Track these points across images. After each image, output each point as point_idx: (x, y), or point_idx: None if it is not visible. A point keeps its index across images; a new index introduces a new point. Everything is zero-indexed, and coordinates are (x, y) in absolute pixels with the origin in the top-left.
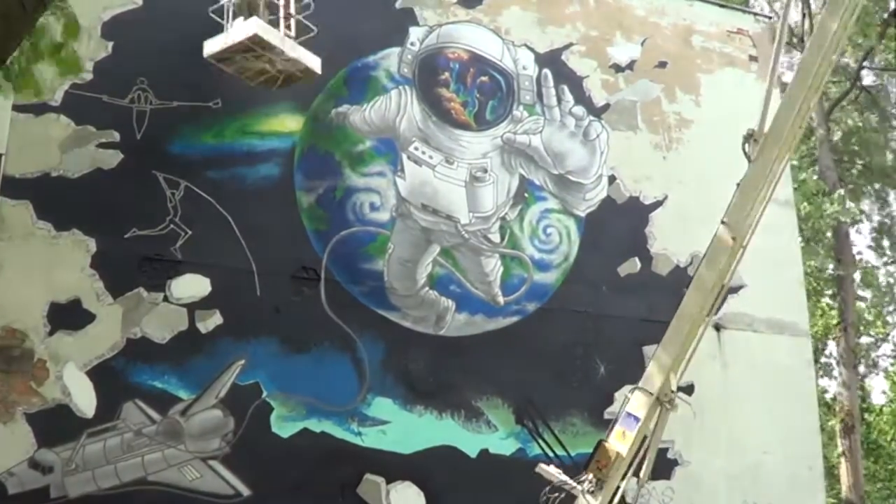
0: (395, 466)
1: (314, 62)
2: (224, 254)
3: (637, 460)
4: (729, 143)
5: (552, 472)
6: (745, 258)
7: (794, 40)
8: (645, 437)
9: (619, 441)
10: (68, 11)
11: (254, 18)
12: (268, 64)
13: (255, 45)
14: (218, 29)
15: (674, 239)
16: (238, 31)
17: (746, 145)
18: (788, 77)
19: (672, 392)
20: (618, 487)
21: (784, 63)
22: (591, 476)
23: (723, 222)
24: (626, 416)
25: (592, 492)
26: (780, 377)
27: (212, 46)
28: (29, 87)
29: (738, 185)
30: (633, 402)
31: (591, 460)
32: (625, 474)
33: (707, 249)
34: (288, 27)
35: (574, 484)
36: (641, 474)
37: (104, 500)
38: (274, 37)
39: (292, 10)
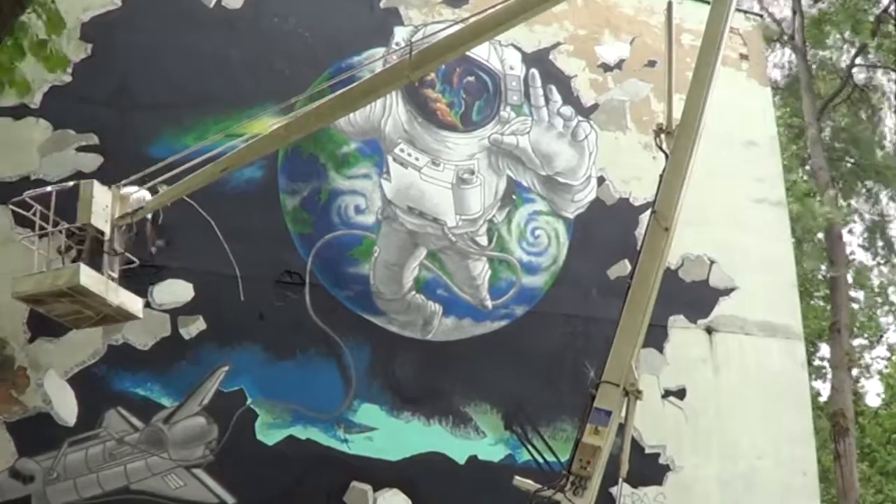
0: (382, 474)
1: (135, 306)
2: (207, 258)
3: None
4: (719, 142)
5: (528, 482)
6: (737, 260)
7: (785, 37)
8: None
9: (594, 437)
10: (50, 7)
11: (80, 266)
12: (84, 307)
13: (74, 293)
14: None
15: None
16: (58, 276)
17: (657, 139)
18: (776, 74)
19: (636, 379)
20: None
21: (771, 61)
22: (572, 477)
23: (653, 213)
24: (595, 411)
25: (577, 492)
26: (773, 380)
27: (23, 286)
28: (14, 86)
29: (660, 176)
30: (599, 397)
31: (573, 460)
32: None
33: (643, 240)
34: (112, 269)
35: (555, 489)
36: (621, 468)
37: None
38: (98, 284)
39: (118, 245)
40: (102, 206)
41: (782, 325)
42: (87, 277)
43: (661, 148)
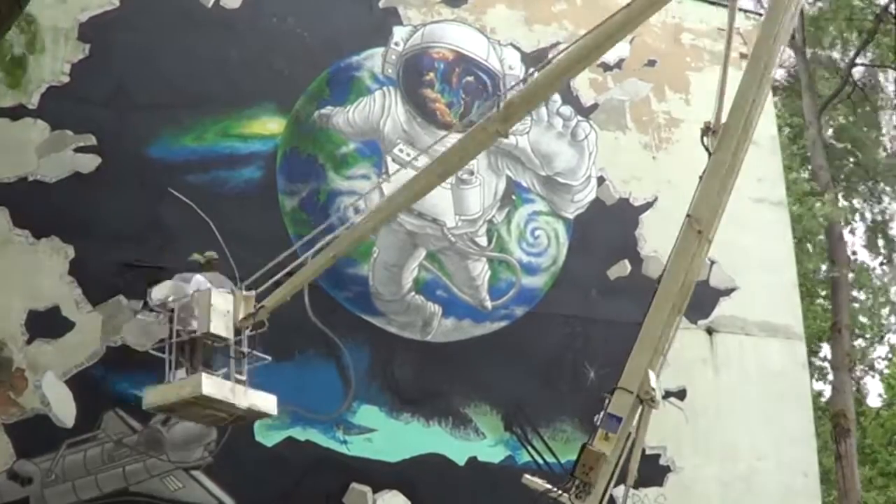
0: (381, 475)
1: (268, 404)
2: None
3: (622, 462)
4: None
5: (538, 482)
6: (738, 260)
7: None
8: (630, 439)
9: (603, 443)
10: (34, 28)
11: (201, 376)
12: (216, 411)
13: (201, 402)
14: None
15: (664, 241)
16: (182, 387)
17: (705, 138)
18: (778, 74)
19: (652, 389)
20: (605, 490)
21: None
22: (577, 481)
23: (688, 216)
24: (608, 417)
25: (580, 496)
26: (774, 381)
27: (153, 397)
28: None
29: (700, 177)
30: (613, 402)
31: (577, 464)
32: (611, 477)
33: (674, 245)
34: (239, 371)
35: (560, 491)
36: (628, 476)
37: None
38: (222, 391)
39: (245, 346)
40: (223, 312)
41: (783, 325)
42: (210, 386)
43: (706, 148)
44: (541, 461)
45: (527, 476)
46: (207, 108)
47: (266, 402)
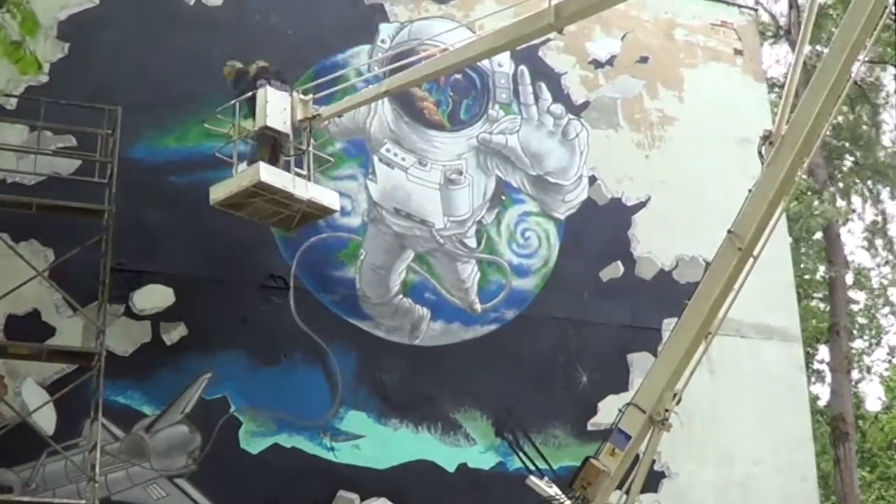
0: (369, 482)
1: (331, 199)
2: (188, 262)
3: (627, 478)
4: (714, 140)
5: (542, 485)
6: None
7: (781, 32)
8: (637, 456)
9: (608, 458)
10: (25, 8)
11: (259, 164)
12: (281, 207)
13: (262, 191)
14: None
15: (658, 241)
16: (242, 177)
17: (763, 147)
18: (775, 71)
19: (666, 410)
20: None
21: (772, 56)
22: (577, 493)
23: (729, 232)
24: (617, 432)
25: None
26: (771, 384)
27: (217, 192)
28: None
29: (749, 191)
30: (625, 418)
31: (577, 476)
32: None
33: (712, 260)
34: (300, 164)
35: (561, 500)
36: (630, 494)
37: None
38: (282, 180)
39: (309, 144)
40: (280, 110)
41: (780, 327)
42: (268, 174)
43: (760, 155)
44: (532, 468)
45: (532, 478)
46: (190, 108)
47: (328, 196)
